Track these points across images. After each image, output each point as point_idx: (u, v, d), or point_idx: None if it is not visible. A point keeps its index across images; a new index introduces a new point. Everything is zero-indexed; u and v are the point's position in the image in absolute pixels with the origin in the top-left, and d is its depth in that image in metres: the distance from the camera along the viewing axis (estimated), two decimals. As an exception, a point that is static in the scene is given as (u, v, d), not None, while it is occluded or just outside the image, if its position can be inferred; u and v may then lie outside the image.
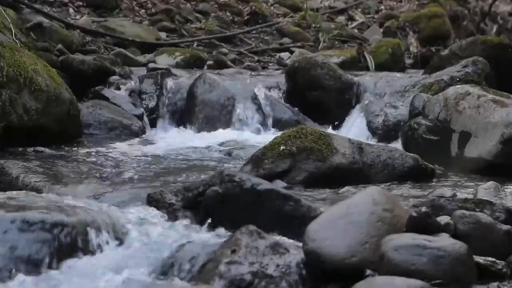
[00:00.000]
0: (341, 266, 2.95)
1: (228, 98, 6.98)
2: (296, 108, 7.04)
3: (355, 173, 4.68)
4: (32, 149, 5.44)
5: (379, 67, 8.60)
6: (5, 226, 3.15)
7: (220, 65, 8.50)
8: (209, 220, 3.52)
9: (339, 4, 11.71)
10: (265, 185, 3.54)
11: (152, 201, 3.75)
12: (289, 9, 11.15)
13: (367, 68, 8.65)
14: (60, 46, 7.80)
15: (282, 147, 4.67)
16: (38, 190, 4.36)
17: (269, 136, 5.99)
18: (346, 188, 4.46)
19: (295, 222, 3.43)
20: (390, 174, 4.77)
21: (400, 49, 9.14)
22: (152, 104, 7.07)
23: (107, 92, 7.01)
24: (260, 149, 4.80)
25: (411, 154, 4.91)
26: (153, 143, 6.24)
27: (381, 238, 2.96)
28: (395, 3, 12.05)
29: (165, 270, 3.10)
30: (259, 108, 6.98)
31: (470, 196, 4.08)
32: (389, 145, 5.38)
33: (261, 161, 4.66)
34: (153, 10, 10.11)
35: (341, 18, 11.19)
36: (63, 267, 3.12)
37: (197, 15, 10.31)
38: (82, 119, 6.29)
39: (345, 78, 7.14)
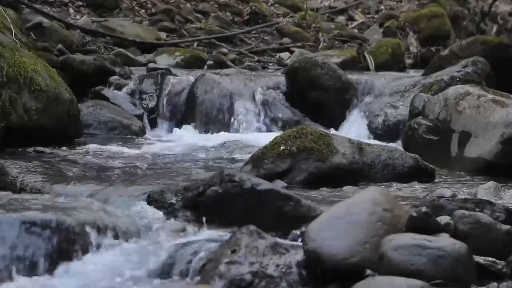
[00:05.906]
0: (341, 266, 2.95)
1: (228, 98, 6.99)
2: (296, 108, 7.04)
3: (355, 173, 4.68)
4: (32, 149, 5.44)
5: (379, 67, 8.60)
6: (5, 226, 3.15)
7: (220, 65, 8.50)
8: (209, 220, 3.52)
9: (339, 4, 11.71)
10: (265, 185, 3.54)
11: (152, 201, 3.75)
12: (289, 9, 11.14)
13: (367, 68, 8.66)
14: (60, 46, 7.80)
15: (282, 147, 4.66)
16: (38, 190, 4.36)
17: (269, 136, 5.99)
18: (346, 188, 4.45)
19: (295, 222, 3.43)
20: (390, 174, 4.76)
21: (400, 49, 9.14)
22: (152, 104, 7.07)
23: (107, 92, 7.02)
24: (260, 149, 4.79)
25: (411, 154, 4.90)
26: (153, 143, 6.24)
27: (381, 238, 2.95)
28: (395, 3, 12.05)
29: (165, 270, 3.10)
30: (259, 108, 6.99)
31: (470, 196, 4.08)
32: (389, 145, 5.38)
33: (261, 161, 4.66)
34: (153, 10, 10.11)
35: (341, 18, 11.19)
36: (62, 267, 3.12)
37: (197, 15, 10.31)
38: (82, 119, 6.30)
39: (345, 78, 7.14)
